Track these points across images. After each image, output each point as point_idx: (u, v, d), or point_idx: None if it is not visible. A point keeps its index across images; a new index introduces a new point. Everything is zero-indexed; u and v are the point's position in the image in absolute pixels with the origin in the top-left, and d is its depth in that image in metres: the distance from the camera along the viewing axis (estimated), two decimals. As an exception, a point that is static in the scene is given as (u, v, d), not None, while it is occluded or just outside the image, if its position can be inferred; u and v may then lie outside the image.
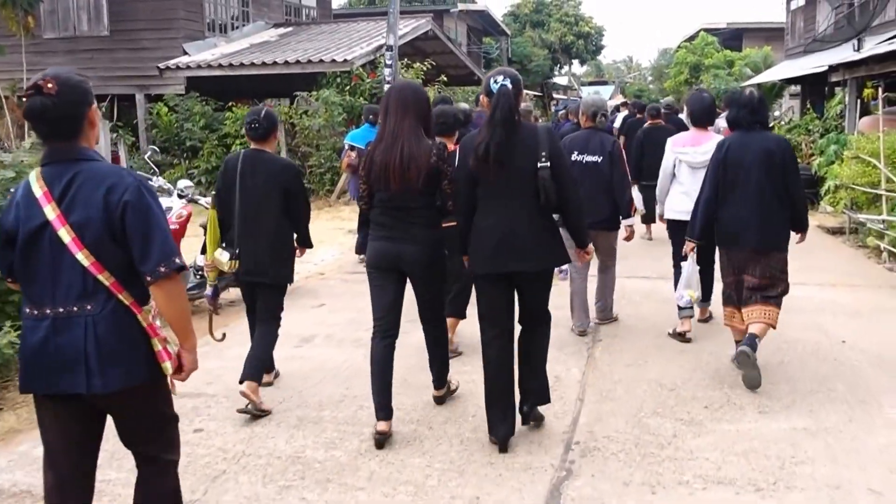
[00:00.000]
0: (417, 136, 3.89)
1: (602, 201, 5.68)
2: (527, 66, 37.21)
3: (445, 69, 20.60)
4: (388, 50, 13.61)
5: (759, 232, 4.76)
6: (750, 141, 4.78)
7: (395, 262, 4.02)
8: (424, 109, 4.01)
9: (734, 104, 4.99)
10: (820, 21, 22.59)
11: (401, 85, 4.26)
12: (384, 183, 3.90)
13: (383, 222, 4.02)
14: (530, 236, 3.77)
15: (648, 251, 8.81)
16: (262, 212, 4.45)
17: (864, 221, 9.14)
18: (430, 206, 4.01)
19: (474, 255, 3.90)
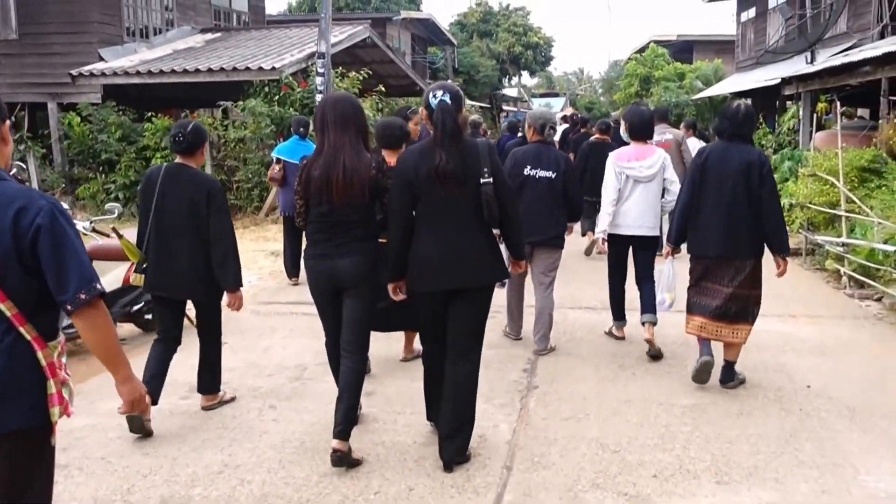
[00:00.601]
0: (357, 150, 3.83)
1: (553, 217, 5.56)
2: (474, 76, 36.63)
3: (386, 79, 19.80)
4: (319, 57, 12.74)
5: (730, 241, 4.77)
6: (732, 152, 4.79)
7: (331, 280, 3.93)
8: (362, 122, 3.94)
9: (722, 115, 5.01)
10: (771, 33, 22.40)
11: (336, 97, 4.12)
12: (326, 198, 3.81)
13: (318, 238, 3.93)
14: (473, 252, 3.73)
15: (594, 275, 7.93)
16: (183, 229, 4.36)
17: (823, 243, 8.55)
18: (368, 220, 3.93)
19: (416, 271, 3.81)
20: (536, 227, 5.40)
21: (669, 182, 5.70)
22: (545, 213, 5.50)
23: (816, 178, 8.85)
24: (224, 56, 14.37)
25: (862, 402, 4.78)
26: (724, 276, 4.81)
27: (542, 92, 70.29)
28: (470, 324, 3.84)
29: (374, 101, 14.15)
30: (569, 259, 9.12)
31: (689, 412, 4.63)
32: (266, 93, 13.17)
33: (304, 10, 35.58)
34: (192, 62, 13.97)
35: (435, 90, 3.75)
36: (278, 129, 12.96)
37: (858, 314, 6.92)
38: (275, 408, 4.77)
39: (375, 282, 4.00)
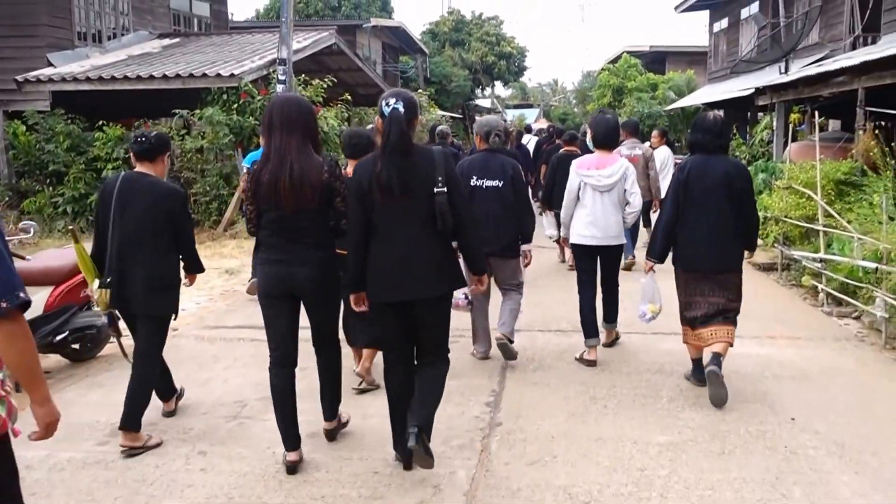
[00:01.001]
0: (307, 153, 3.76)
1: (503, 227, 5.44)
2: (447, 86, 36.24)
3: (354, 88, 19.37)
4: (280, 64, 12.26)
5: (718, 253, 4.85)
6: (711, 164, 4.82)
7: (287, 287, 3.85)
8: (311, 124, 3.86)
9: (698, 128, 4.95)
10: (743, 44, 22.32)
11: (283, 99, 4.01)
12: (274, 204, 3.74)
13: (273, 244, 3.84)
14: (428, 262, 3.68)
15: (565, 294, 7.49)
16: (142, 239, 4.22)
17: (799, 259, 8.20)
18: (322, 226, 3.87)
19: (371, 282, 3.74)
20: (487, 238, 5.19)
21: (629, 193, 5.63)
22: (494, 223, 5.39)
23: (792, 190, 8.51)
24: (181, 62, 13.82)
25: (850, 435, 4.40)
26: (716, 287, 4.91)
27: (515, 103, 70.31)
28: (432, 332, 3.80)
29: (339, 110, 13.66)
30: (540, 277, 8.85)
31: (665, 452, 4.20)
32: (225, 101, 12.63)
33: (272, 17, 35.03)
34: (146, 68, 13.40)
35: (388, 98, 3.66)
36: (237, 138, 12.44)
37: (839, 335, 6.56)
38: (205, 454, 4.23)
39: (333, 290, 3.99)
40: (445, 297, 3.83)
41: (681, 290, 5.06)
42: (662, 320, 6.63)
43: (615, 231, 5.65)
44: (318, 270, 3.83)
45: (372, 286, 3.75)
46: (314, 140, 3.86)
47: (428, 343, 3.84)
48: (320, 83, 13.57)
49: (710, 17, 25.97)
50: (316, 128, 3.94)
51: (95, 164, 12.77)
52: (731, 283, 4.93)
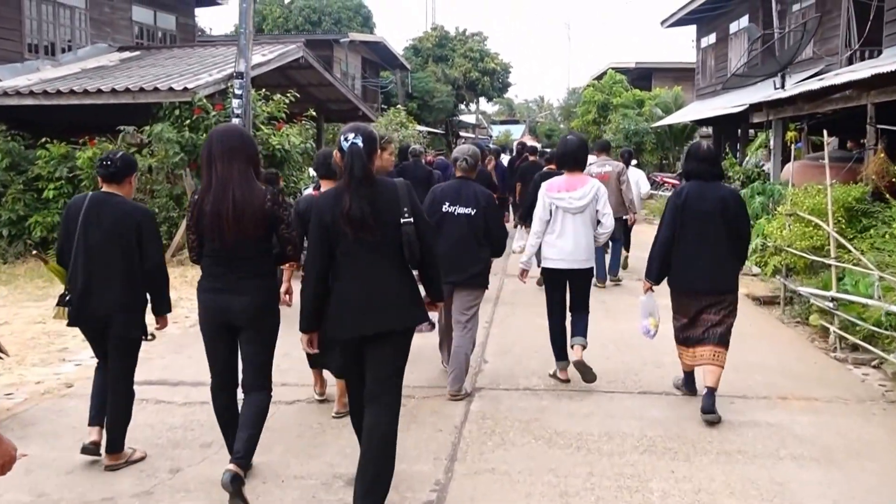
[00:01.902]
0: (248, 182, 3.76)
1: (472, 256, 5.36)
2: (429, 102, 35.43)
3: (326, 103, 18.44)
4: (237, 77, 11.23)
5: (715, 277, 5.00)
6: (707, 191, 5.03)
7: (224, 317, 3.84)
8: (251, 152, 3.88)
9: (692, 157, 5.21)
10: (732, 59, 21.54)
11: (222, 129, 3.98)
12: (217, 233, 3.73)
13: (214, 273, 3.86)
14: (392, 295, 3.61)
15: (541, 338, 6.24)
16: (109, 260, 4.17)
17: (806, 295, 7.25)
18: (265, 255, 3.89)
19: (338, 318, 3.60)
20: (455, 266, 5.23)
21: (602, 214, 5.58)
22: (464, 251, 5.32)
23: (797, 218, 7.57)
24: (135, 76, 12.83)
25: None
26: (711, 309, 5.03)
27: (501, 119, 70.00)
28: (387, 369, 3.63)
29: (302, 127, 12.68)
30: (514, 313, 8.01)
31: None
32: (177, 116, 11.62)
33: (252, 32, 34.18)
34: (97, 82, 12.37)
35: (346, 133, 3.60)
36: (190, 157, 11.42)
37: (862, 394, 5.56)
38: None
39: (271, 320, 3.93)
40: (408, 331, 3.70)
41: (676, 311, 5.21)
42: (653, 376, 5.73)
43: (585, 254, 5.57)
44: (256, 300, 3.80)
45: (336, 321, 3.60)
46: (256, 168, 3.85)
47: (382, 374, 3.61)
48: (282, 98, 12.57)
49: (697, 32, 25.24)
50: (256, 156, 3.91)
51: (36, 183, 11.72)
52: (727, 303, 5.07)
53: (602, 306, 8.22)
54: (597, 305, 6.93)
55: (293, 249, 3.95)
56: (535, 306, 7.60)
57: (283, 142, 11.87)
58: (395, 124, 21.83)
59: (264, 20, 35.47)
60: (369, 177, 3.55)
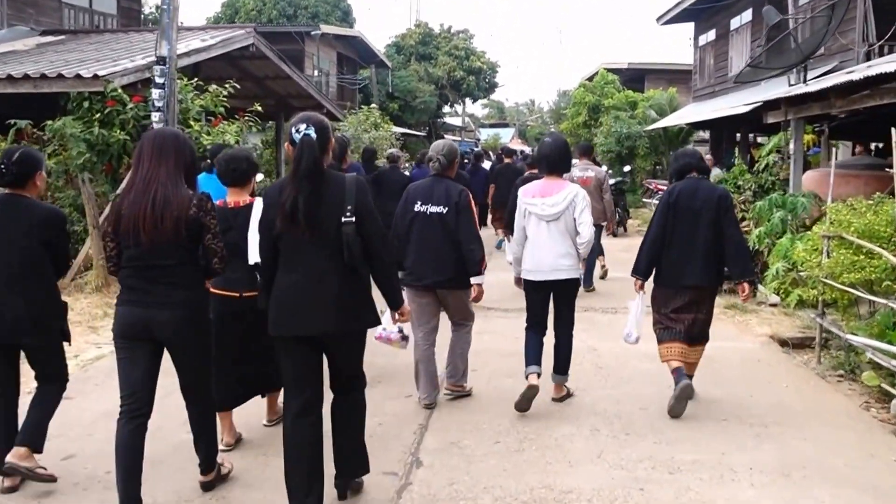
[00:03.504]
0: (175, 184, 3.56)
1: (447, 257, 5.06)
2: (411, 102, 33.62)
3: (286, 99, 16.68)
4: (159, 63, 9.44)
5: (705, 271, 5.14)
6: (698, 188, 5.17)
7: (145, 331, 3.55)
8: (186, 156, 3.66)
9: (682, 155, 5.53)
10: (734, 57, 19.87)
11: (157, 131, 4.02)
12: (134, 238, 3.50)
13: (132, 284, 3.59)
14: (334, 295, 3.46)
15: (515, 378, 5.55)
16: (17, 266, 3.91)
17: (861, 347, 5.50)
18: (190, 265, 3.64)
19: (273, 314, 3.53)
20: (431, 268, 5.05)
21: (579, 223, 5.18)
22: (438, 252, 5.06)
23: (841, 242, 5.82)
24: (44, 61, 11.00)
25: None
26: (694, 303, 5.18)
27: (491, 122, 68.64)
28: (341, 368, 3.66)
29: (244, 124, 10.85)
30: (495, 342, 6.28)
31: None
32: (87, 108, 9.79)
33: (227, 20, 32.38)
34: (-1, 68, 10.53)
35: (298, 124, 3.47)
36: (102, 158, 9.60)
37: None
38: None
39: (200, 334, 3.71)
40: (353, 334, 3.60)
41: (660, 308, 5.27)
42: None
43: (565, 264, 5.18)
44: (182, 314, 3.56)
45: (273, 318, 3.53)
46: (188, 172, 3.66)
47: (338, 377, 3.71)
48: (219, 89, 10.76)
49: (695, 29, 23.58)
50: (192, 160, 3.71)
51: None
52: (709, 299, 5.29)
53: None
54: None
55: (219, 262, 3.67)
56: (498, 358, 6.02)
57: (218, 140, 10.05)
58: (367, 124, 19.98)
59: (237, 13, 33.67)
60: (318, 171, 3.43)
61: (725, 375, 5.94)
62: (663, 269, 5.21)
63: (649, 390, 5.54)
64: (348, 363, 3.63)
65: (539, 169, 5.55)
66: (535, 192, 5.26)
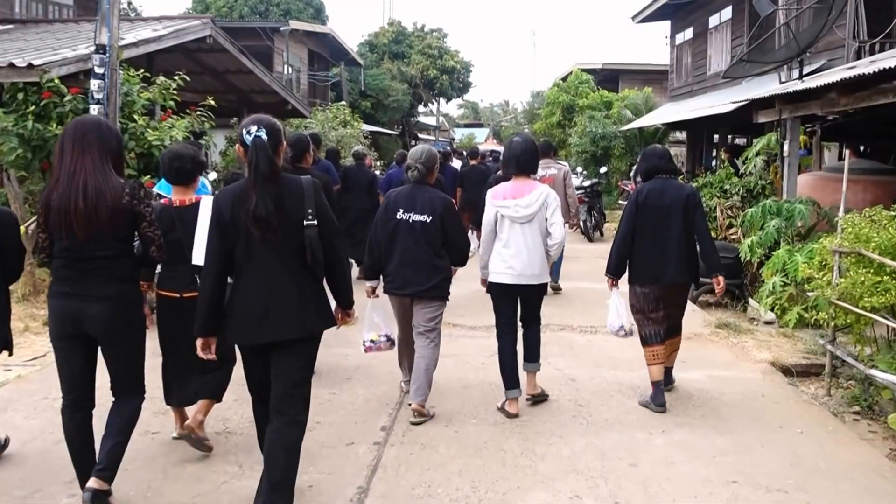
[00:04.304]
0: (104, 173, 3.48)
1: (427, 267, 4.96)
2: (384, 101, 32.81)
3: (249, 94, 15.83)
4: (99, 52, 8.61)
5: (680, 268, 5.19)
6: (667, 187, 5.26)
7: (77, 326, 3.50)
8: (111, 144, 3.58)
9: (650, 156, 5.47)
10: (712, 55, 19.35)
11: (77, 120, 3.68)
12: (66, 230, 3.43)
13: (64, 276, 3.53)
14: (294, 300, 3.42)
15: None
16: None
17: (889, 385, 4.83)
18: (124, 256, 3.57)
19: (234, 322, 3.44)
20: (411, 278, 4.94)
21: (551, 224, 5.07)
22: (420, 260, 4.94)
23: (859, 259, 5.15)
24: (-21, 50, 10.08)
25: None
26: (668, 300, 5.26)
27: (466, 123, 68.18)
28: (292, 378, 3.47)
29: (194, 120, 10.00)
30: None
31: None
32: (22, 100, 8.91)
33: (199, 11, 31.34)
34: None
35: (248, 125, 3.38)
36: (38, 154, 8.74)
37: None
38: None
39: (134, 328, 3.64)
40: (312, 339, 3.52)
41: (639, 308, 5.32)
42: None
43: (537, 268, 5.11)
44: (114, 307, 3.49)
45: (235, 326, 3.44)
46: (115, 161, 3.57)
47: (285, 384, 3.44)
48: (167, 82, 9.91)
49: (671, 27, 23.04)
50: (118, 148, 3.63)
51: None
52: (683, 295, 5.45)
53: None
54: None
55: (157, 250, 3.62)
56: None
57: (164, 136, 9.21)
58: (335, 122, 19.15)
59: (207, 9, 32.63)
60: (276, 172, 3.38)
61: (728, 417, 5.10)
62: (637, 268, 5.28)
63: (640, 436, 4.72)
64: (299, 371, 3.49)
65: (507, 169, 5.31)
66: (507, 194, 5.11)
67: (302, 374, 3.49)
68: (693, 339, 6.92)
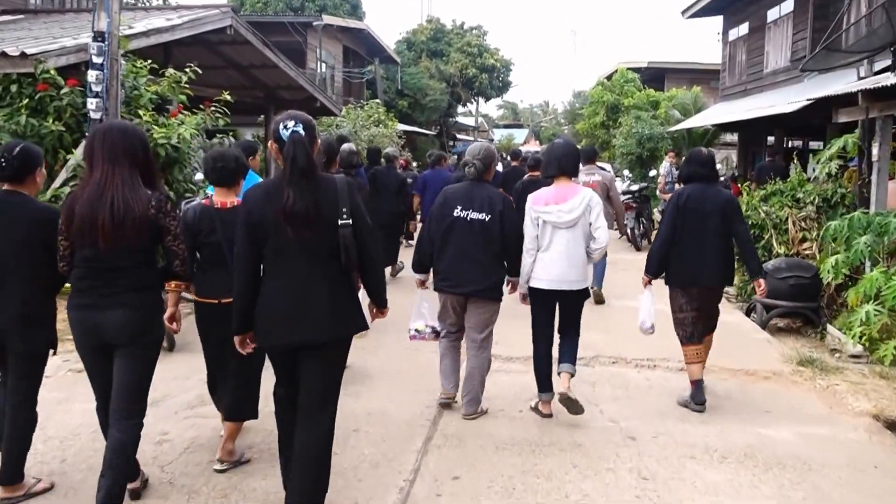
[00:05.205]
0: (133, 187, 3.45)
1: (485, 266, 4.89)
2: (421, 100, 31.92)
3: (275, 90, 15.01)
4: (97, 39, 7.81)
5: (718, 271, 5.33)
6: (707, 192, 5.34)
7: (99, 336, 3.47)
8: (138, 153, 3.53)
9: (693, 161, 5.52)
10: (770, 52, 18.07)
11: (105, 127, 3.65)
12: (90, 240, 3.41)
13: (84, 287, 3.49)
14: (327, 301, 3.33)
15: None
16: (12, 267, 3.70)
17: None
18: (146, 266, 3.55)
19: (263, 323, 3.38)
20: (467, 277, 4.86)
21: (595, 228, 4.97)
22: (477, 260, 4.87)
23: None
24: (-23, 40, 9.35)
25: None
26: (704, 301, 5.36)
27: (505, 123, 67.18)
28: (322, 381, 3.41)
29: (206, 117, 9.13)
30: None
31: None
32: (16, 93, 8.14)
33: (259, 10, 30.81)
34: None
35: (285, 121, 3.32)
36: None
37: None
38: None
39: (152, 339, 3.59)
40: (344, 341, 3.46)
41: (680, 310, 5.40)
42: None
43: (577, 273, 4.97)
44: (133, 314, 3.44)
45: (264, 327, 3.38)
46: (146, 171, 3.54)
47: (315, 388, 3.39)
48: (176, 74, 9.07)
49: (724, 22, 21.75)
50: (147, 156, 3.58)
51: None
52: (719, 297, 5.53)
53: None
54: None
55: (181, 264, 3.62)
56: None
57: (172, 134, 8.37)
58: (368, 121, 18.25)
59: (242, 5, 32.08)
60: (313, 168, 3.30)
61: (835, 501, 3.96)
62: (675, 270, 5.36)
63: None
64: (329, 375, 3.44)
65: (547, 173, 5.17)
66: (549, 199, 4.97)
67: (332, 377, 3.42)
68: (773, 380, 5.84)
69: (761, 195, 9.05)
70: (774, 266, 7.90)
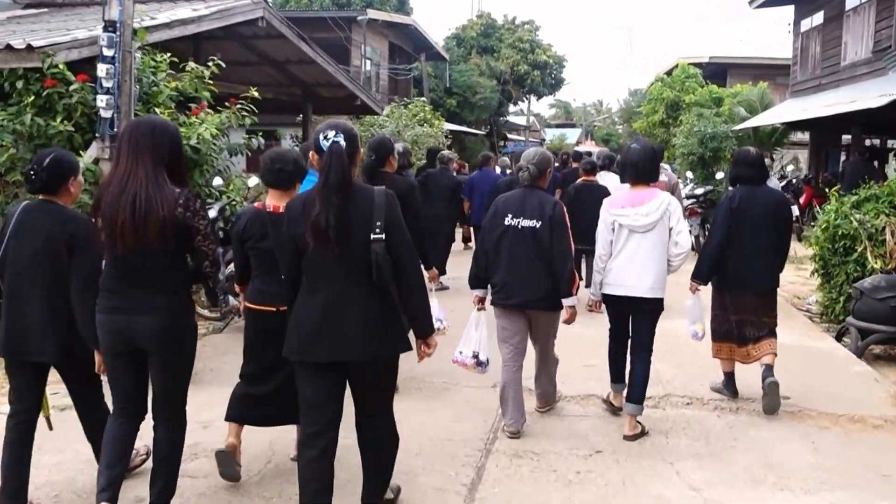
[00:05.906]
0: (157, 184, 3.32)
1: (539, 275, 4.72)
2: (471, 99, 30.96)
3: (314, 88, 14.28)
4: (108, 30, 7.11)
5: (766, 276, 5.28)
6: (757, 195, 5.26)
7: (128, 341, 3.36)
8: (163, 150, 3.37)
9: (741, 162, 5.41)
10: (848, 42, 16.70)
11: (134, 123, 3.62)
12: (111, 240, 3.31)
13: (112, 288, 3.38)
14: (361, 319, 3.22)
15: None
16: (37, 276, 3.61)
17: None
18: (176, 269, 3.42)
19: (291, 336, 3.30)
20: (522, 287, 4.70)
21: (676, 232, 4.80)
22: (530, 269, 4.70)
23: None
24: (-9, 33, 8.75)
25: None
26: (760, 307, 5.27)
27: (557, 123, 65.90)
28: (371, 400, 3.37)
29: (233, 115, 8.37)
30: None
31: None
32: (23, 89, 7.48)
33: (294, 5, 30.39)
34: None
35: (326, 130, 3.26)
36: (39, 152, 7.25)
37: None
38: None
39: (185, 343, 3.47)
40: (383, 361, 3.31)
41: (723, 311, 5.35)
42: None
43: (652, 280, 4.76)
44: (165, 320, 3.32)
45: (292, 341, 3.29)
46: (174, 168, 3.39)
47: (363, 410, 3.40)
48: (198, 69, 8.33)
49: (795, 12, 20.39)
50: (177, 153, 3.45)
51: None
52: (773, 302, 5.39)
53: None
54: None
55: (210, 266, 3.46)
56: None
57: (192, 133, 7.63)
58: (412, 120, 17.39)
59: (287, 2, 31.65)
60: (348, 183, 3.21)
61: None
62: (725, 275, 5.28)
63: None
64: (376, 394, 3.36)
65: (623, 180, 5.16)
66: (625, 202, 4.91)
67: (380, 397, 3.37)
68: (886, 429, 4.83)
69: (853, 201, 7.91)
70: (872, 284, 6.87)
